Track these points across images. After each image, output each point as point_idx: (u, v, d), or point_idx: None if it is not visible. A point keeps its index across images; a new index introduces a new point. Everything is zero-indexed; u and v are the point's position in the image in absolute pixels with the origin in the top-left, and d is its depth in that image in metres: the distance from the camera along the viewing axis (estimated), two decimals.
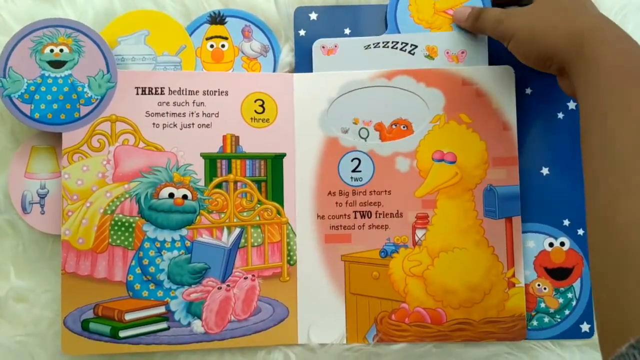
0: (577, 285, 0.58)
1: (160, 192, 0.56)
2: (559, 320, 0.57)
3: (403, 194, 0.57)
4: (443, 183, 0.56)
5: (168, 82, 0.57)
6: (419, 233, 0.56)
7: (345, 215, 0.56)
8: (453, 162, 0.57)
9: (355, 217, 0.56)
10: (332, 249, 0.56)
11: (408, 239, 0.56)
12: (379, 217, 0.56)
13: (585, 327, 0.57)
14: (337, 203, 0.57)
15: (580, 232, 0.58)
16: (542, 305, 0.57)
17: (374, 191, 0.57)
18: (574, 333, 0.57)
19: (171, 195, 0.56)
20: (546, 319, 0.57)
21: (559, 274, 0.58)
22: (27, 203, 0.57)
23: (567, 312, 0.57)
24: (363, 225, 0.57)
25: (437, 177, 0.56)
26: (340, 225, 0.56)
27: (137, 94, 0.56)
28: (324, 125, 0.57)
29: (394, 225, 0.57)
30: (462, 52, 0.58)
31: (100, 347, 0.54)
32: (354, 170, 0.57)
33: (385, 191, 0.57)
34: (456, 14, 0.58)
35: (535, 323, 0.57)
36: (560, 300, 0.57)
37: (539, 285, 0.57)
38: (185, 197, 0.56)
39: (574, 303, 0.57)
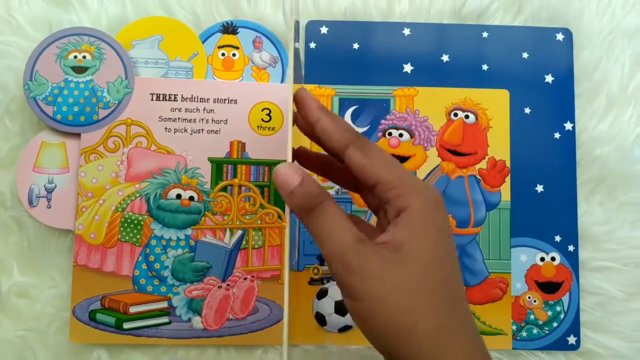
0: (565, 299, 0.63)
1: (168, 193, 0.62)
2: (547, 332, 0.63)
3: None
4: None
5: (181, 89, 0.63)
6: None
7: None
8: None
9: None
10: None
11: None
12: None
13: (572, 339, 0.63)
14: None
15: (571, 248, 0.64)
16: (532, 317, 0.63)
17: None
18: (561, 345, 0.63)
19: (178, 196, 0.62)
20: (535, 331, 0.63)
21: (549, 287, 0.64)
22: (34, 197, 0.63)
23: (555, 324, 0.63)
24: None
25: None
26: None
27: (152, 99, 0.62)
28: None
29: None
30: None
31: (105, 337, 0.61)
32: None
33: None
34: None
35: (524, 334, 0.63)
36: (549, 313, 0.63)
37: (529, 297, 0.63)
38: (191, 198, 0.62)
39: (562, 316, 0.63)
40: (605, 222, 0.65)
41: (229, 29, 0.66)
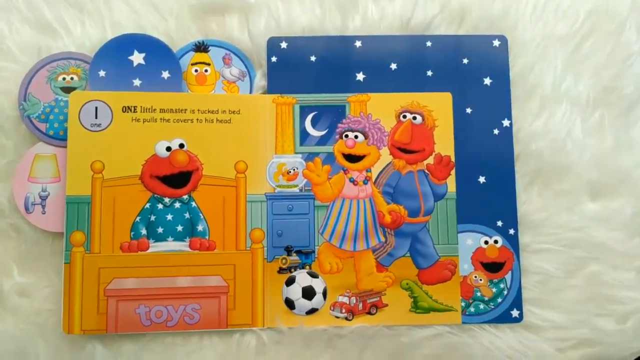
0: (508, 277, 0.73)
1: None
2: (493, 307, 0.72)
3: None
4: None
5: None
6: None
7: None
8: None
9: None
10: None
11: None
12: None
13: (515, 313, 0.72)
14: None
15: (511, 231, 0.73)
16: (479, 294, 0.72)
17: None
18: (505, 318, 0.72)
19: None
20: (482, 306, 0.72)
21: (492, 267, 0.73)
22: (29, 204, 0.72)
23: (499, 300, 0.72)
24: None
25: None
26: None
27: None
28: None
29: None
30: None
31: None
32: None
33: None
34: None
35: (472, 309, 0.72)
36: (494, 290, 0.72)
37: (475, 277, 0.72)
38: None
39: (505, 292, 0.72)
40: (543, 209, 0.75)
41: (201, 47, 0.76)
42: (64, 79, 0.74)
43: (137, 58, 0.74)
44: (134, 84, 0.73)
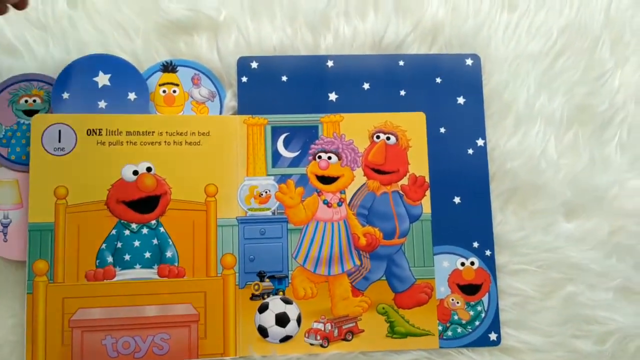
0: (485, 299, 0.72)
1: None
2: (470, 330, 0.71)
3: None
4: None
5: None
6: None
7: None
8: None
9: None
10: None
11: None
12: None
13: (493, 336, 0.72)
14: None
15: (488, 252, 0.73)
16: (456, 317, 0.71)
17: None
18: (483, 341, 0.72)
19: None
20: (459, 330, 0.71)
21: (469, 289, 0.73)
22: None
23: (477, 323, 0.72)
24: None
25: None
26: None
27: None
28: None
29: None
30: None
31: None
32: None
33: None
34: None
35: (449, 333, 0.71)
36: (471, 313, 0.71)
37: (452, 300, 0.72)
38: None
39: (483, 315, 0.71)
40: (519, 229, 0.75)
41: (169, 67, 0.75)
42: (26, 101, 0.72)
43: (103, 79, 0.72)
44: (99, 106, 0.72)
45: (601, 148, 0.77)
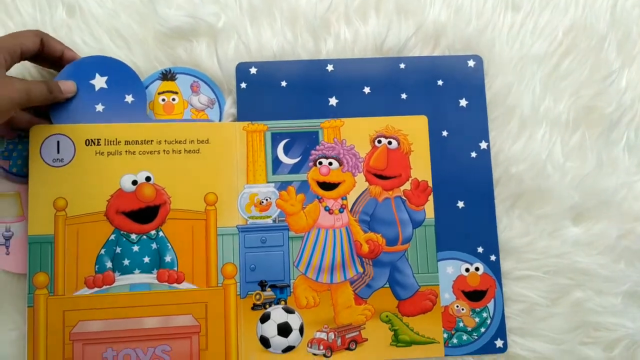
0: (491, 305, 0.71)
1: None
2: (476, 337, 0.71)
3: None
4: None
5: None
6: None
7: None
8: None
9: None
10: None
11: None
12: None
13: (499, 342, 0.71)
14: None
15: (493, 258, 0.73)
16: (461, 324, 0.71)
17: None
18: (489, 348, 0.72)
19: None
20: (465, 337, 0.71)
21: (475, 296, 0.72)
22: None
23: (483, 330, 0.71)
24: None
25: None
26: None
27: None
28: None
29: None
30: None
31: None
32: None
33: None
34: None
35: (455, 341, 0.71)
36: (477, 320, 0.71)
37: (457, 306, 0.71)
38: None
39: (488, 321, 0.71)
40: (525, 234, 0.75)
41: (168, 75, 0.75)
42: None
43: (99, 82, 0.72)
44: (97, 109, 0.72)
45: (608, 150, 0.77)
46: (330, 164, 0.74)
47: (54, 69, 0.72)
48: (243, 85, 0.75)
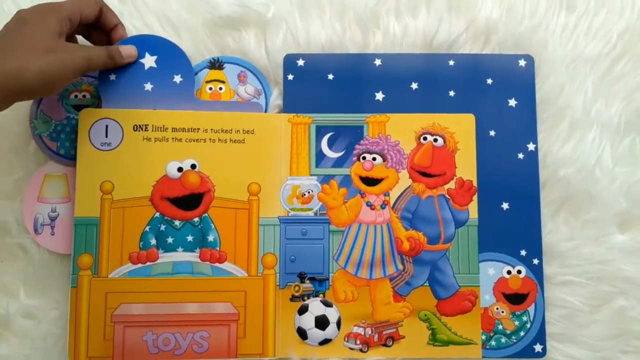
0: (531, 309, 0.71)
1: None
2: (515, 341, 0.71)
3: None
4: None
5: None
6: None
7: None
8: None
9: None
10: None
11: None
12: None
13: (538, 347, 0.71)
14: None
15: (535, 261, 0.72)
16: (500, 327, 0.71)
17: None
18: (528, 353, 0.71)
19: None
20: (503, 340, 0.71)
21: (515, 299, 0.72)
22: (38, 225, 0.72)
23: (522, 333, 0.71)
24: None
25: None
26: None
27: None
28: None
29: None
30: None
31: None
32: None
33: None
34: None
35: (493, 343, 0.70)
36: (516, 323, 0.71)
37: (497, 308, 0.71)
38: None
39: (528, 325, 0.71)
40: (570, 239, 0.74)
41: (216, 64, 0.76)
42: (75, 96, 0.74)
43: (149, 61, 0.73)
44: (145, 87, 0.73)
45: None
46: (374, 159, 0.74)
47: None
48: (290, 76, 0.75)
